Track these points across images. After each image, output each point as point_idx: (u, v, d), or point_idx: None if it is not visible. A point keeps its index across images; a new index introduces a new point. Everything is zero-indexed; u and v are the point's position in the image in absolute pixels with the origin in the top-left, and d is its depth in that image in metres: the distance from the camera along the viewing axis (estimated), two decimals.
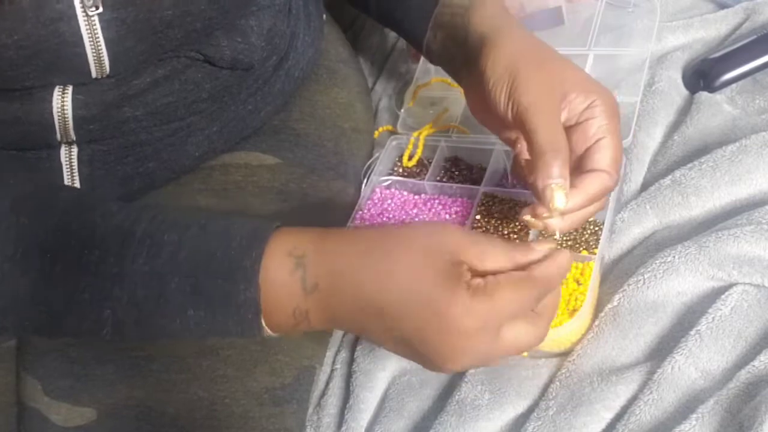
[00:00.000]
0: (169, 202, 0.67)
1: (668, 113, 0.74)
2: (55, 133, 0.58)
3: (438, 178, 0.75)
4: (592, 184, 0.54)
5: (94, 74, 0.55)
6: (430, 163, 0.77)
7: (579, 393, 0.57)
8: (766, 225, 0.60)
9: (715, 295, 0.59)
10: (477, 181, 0.73)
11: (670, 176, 0.66)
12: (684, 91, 0.77)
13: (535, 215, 0.54)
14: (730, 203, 0.65)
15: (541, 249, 0.48)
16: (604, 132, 0.55)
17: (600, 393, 0.56)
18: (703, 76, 0.76)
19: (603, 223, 0.65)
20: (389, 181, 0.75)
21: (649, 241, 0.65)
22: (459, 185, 0.72)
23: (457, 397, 0.60)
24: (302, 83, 0.76)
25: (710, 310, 0.57)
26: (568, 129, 0.55)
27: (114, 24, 0.52)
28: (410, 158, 0.78)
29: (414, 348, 0.47)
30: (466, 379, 0.61)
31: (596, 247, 0.64)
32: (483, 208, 0.70)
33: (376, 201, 0.74)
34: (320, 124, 0.76)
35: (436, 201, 0.73)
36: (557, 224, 0.54)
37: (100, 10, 0.51)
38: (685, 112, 0.74)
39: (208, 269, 0.48)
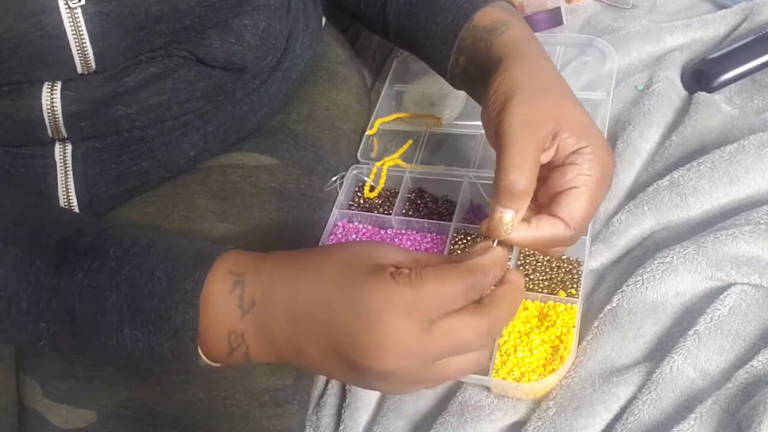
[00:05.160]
0: (167, 202, 0.67)
1: (666, 113, 0.75)
2: (46, 130, 0.57)
3: (403, 211, 0.73)
4: (544, 228, 0.51)
5: (79, 69, 0.54)
6: (391, 193, 0.75)
7: (580, 394, 0.57)
8: (764, 225, 0.60)
9: (713, 295, 0.59)
10: (444, 215, 0.71)
11: (668, 177, 0.67)
12: (682, 92, 0.77)
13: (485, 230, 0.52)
14: (729, 203, 0.65)
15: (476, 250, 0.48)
16: (581, 182, 0.51)
17: (601, 395, 0.56)
18: (701, 76, 0.76)
19: (579, 261, 0.64)
20: (351, 214, 0.73)
21: (648, 242, 0.66)
22: (428, 220, 0.70)
23: (460, 398, 0.60)
24: (300, 85, 0.76)
25: (708, 310, 0.57)
26: (553, 169, 0.53)
27: (98, 18, 0.52)
28: (372, 189, 0.75)
29: (347, 358, 0.45)
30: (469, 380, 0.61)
31: (572, 287, 0.63)
32: (456, 246, 0.68)
33: (340, 236, 0.72)
34: (319, 125, 0.76)
35: (404, 236, 0.71)
36: (491, 238, 0.51)
37: (83, 2, 0.51)
38: (683, 112, 0.74)
39: (147, 288, 0.47)
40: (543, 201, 0.53)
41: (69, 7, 0.51)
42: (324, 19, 0.83)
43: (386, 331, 0.43)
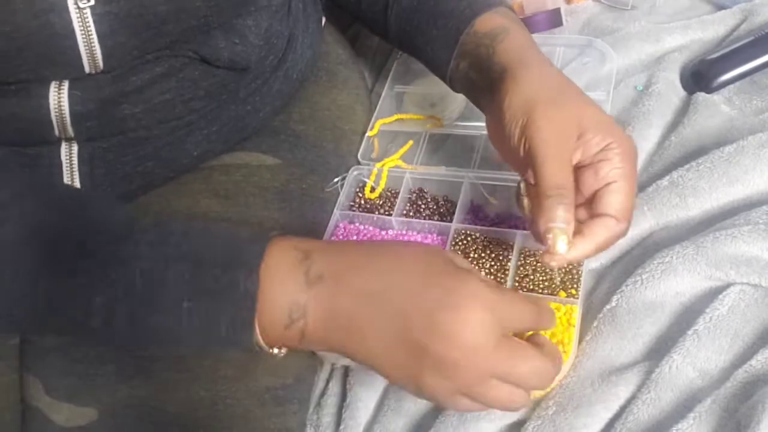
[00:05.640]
0: (170, 202, 0.67)
1: (665, 114, 0.75)
2: (53, 130, 0.58)
3: (404, 212, 0.73)
4: (599, 231, 0.53)
5: (87, 69, 0.55)
6: (392, 194, 0.75)
7: (579, 394, 0.57)
8: (763, 225, 0.60)
9: (712, 295, 0.59)
10: (444, 215, 0.71)
11: (667, 177, 0.67)
12: (681, 92, 0.77)
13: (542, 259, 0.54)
14: (728, 204, 0.65)
15: None
16: (617, 176, 0.53)
17: (601, 394, 0.56)
18: (700, 77, 0.76)
19: (579, 262, 0.64)
20: (352, 215, 0.73)
21: (647, 242, 0.66)
22: (429, 221, 0.70)
23: None
24: (301, 85, 0.77)
25: (708, 310, 0.57)
26: (581, 169, 0.54)
27: (106, 18, 0.53)
28: (372, 190, 0.75)
29: (417, 341, 0.47)
30: None
31: (572, 287, 0.63)
32: (457, 246, 0.68)
33: (341, 237, 0.72)
34: (320, 125, 0.76)
35: (405, 237, 0.71)
36: (555, 265, 0.54)
37: (92, 2, 0.52)
38: (682, 112, 0.74)
39: (211, 256, 0.48)
40: (577, 202, 0.54)
41: (78, 8, 0.51)
42: (324, 19, 0.83)
43: (467, 319, 0.46)
